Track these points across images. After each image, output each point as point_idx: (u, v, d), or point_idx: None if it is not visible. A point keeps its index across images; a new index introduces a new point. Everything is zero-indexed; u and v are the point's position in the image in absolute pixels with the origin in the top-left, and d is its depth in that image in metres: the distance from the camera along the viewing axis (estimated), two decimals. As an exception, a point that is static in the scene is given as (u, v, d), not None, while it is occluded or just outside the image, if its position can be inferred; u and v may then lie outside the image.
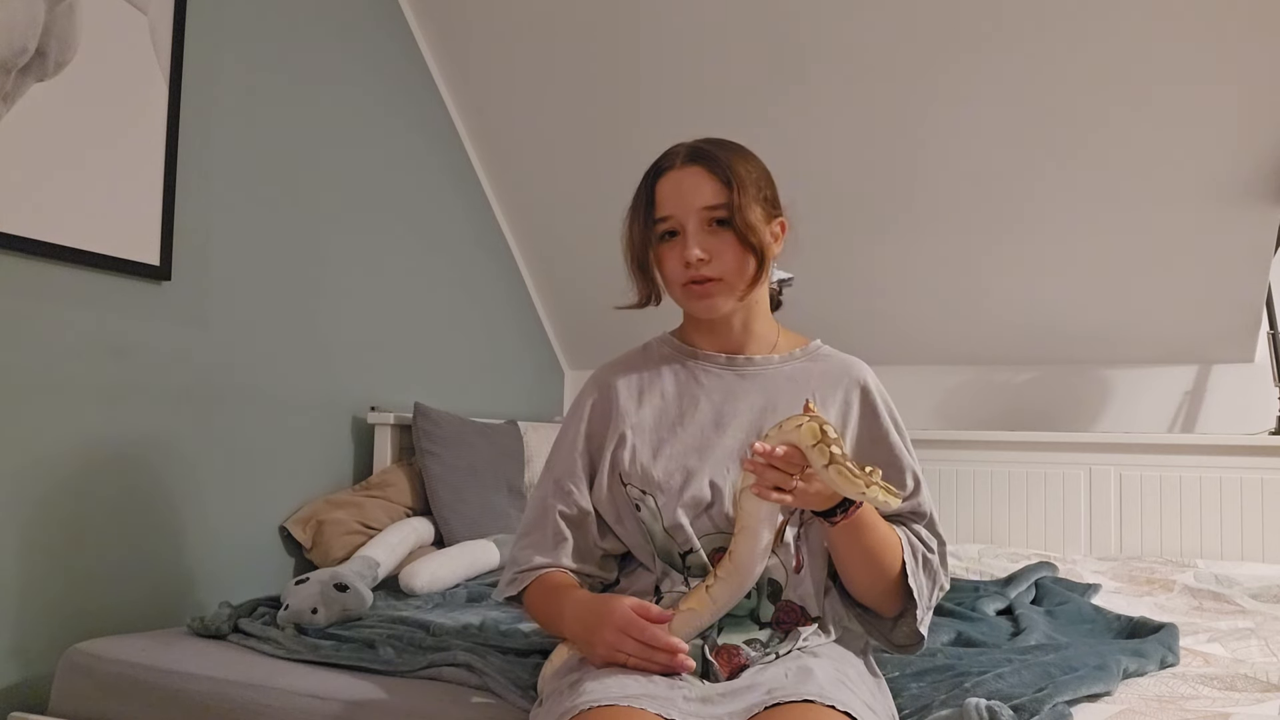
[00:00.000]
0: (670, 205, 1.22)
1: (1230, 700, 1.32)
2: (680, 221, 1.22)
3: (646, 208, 1.24)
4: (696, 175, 1.22)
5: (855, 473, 1.02)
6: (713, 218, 1.21)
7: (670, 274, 1.24)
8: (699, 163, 1.23)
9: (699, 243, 1.20)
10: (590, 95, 2.83)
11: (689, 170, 1.23)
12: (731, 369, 1.29)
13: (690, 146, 1.25)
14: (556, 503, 1.27)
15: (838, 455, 1.02)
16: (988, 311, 2.99)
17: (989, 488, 2.92)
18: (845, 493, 1.04)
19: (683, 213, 1.21)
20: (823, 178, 2.73)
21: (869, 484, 1.02)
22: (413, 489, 2.42)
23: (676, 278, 1.23)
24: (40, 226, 1.70)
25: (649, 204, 1.24)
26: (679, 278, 1.23)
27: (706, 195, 1.21)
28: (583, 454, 1.29)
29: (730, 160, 1.23)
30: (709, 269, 1.21)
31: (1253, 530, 2.67)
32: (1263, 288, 2.70)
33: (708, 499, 1.21)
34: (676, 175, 1.23)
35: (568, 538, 1.26)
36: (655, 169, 1.26)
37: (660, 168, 1.25)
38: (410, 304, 2.74)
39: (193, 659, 1.51)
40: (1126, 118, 2.47)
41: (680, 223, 1.22)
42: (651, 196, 1.24)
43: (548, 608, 1.23)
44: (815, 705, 1.01)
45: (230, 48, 2.13)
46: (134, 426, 1.90)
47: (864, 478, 1.02)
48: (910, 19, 2.44)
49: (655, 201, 1.24)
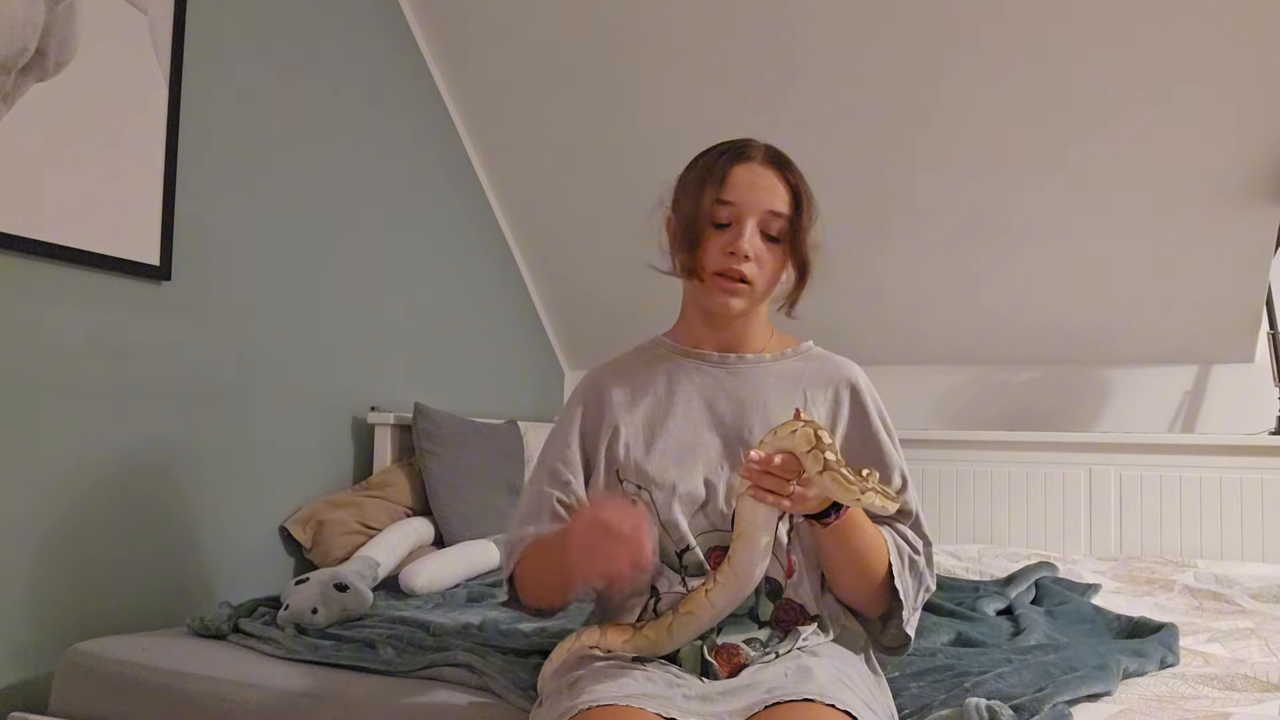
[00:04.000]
0: (738, 193, 1.21)
1: (1230, 700, 1.32)
2: (741, 213, 1.21)
3: (716, 185, 1.21)
4: (772, 178, 1.22)
5: (850, 478, 1.01)
6: (770, 226, 1.21)
7: (707, 258, 1.22)
8: (777, 167, 1.23)
9: (752, 239, 1.20)
10: (590, 96, 2.83)
11: (767, 170, 1.22)
12: (723, 367, 1.29)
13: (768, 147, 1.25)
14: (554, 490, 1.25)
15: (832, 461, 1.01)
16: (987, 311, 2.99)
17: (989, 488, 2.92)
18: (840, 499, 1.04)
19: (747, 207, 1.20)
20: (823, 178, 2.69)
21: (864, 490, 1.01)
22: (413, 489, 2.41)
23: (712, 264, 1.21)
24: (40, 226, 1.70)
25: (720, 182, 1.21)
26: (715, 265, 1.21)
27: (776, 201, 1.21)
28: (577, 449, 1.28)
29: (800, 177, 1.24)
30: (749, 268, 1.20)
31: (1253, 530, 2.67)
32: (1263, 288, 2.70)
33: (702, 496, 1.21)
34: (754, 168, 1.22)
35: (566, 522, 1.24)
36: (732, 152, 1.24)
37: (739, 153, 1.23)
38: (410, 304, 2.74)
39: (193, 659, 1.51)
40: (1126, 118, 2.47)
41: (740, 214, 1.21)
42: (724, 177, 1.22)
43: (536, 567, 1.22)
44: (815, 704, 1.02)
45: (230, 48, 2.13)
46: (134, 427, 1.90)
47: (859, 483, 1.02)
48: (911, 20, 2.44)
49: (724, 183, 1.21)
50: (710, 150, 1.27)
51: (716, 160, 1.23)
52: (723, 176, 1.21)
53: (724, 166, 1.22)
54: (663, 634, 1.14)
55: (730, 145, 1.25)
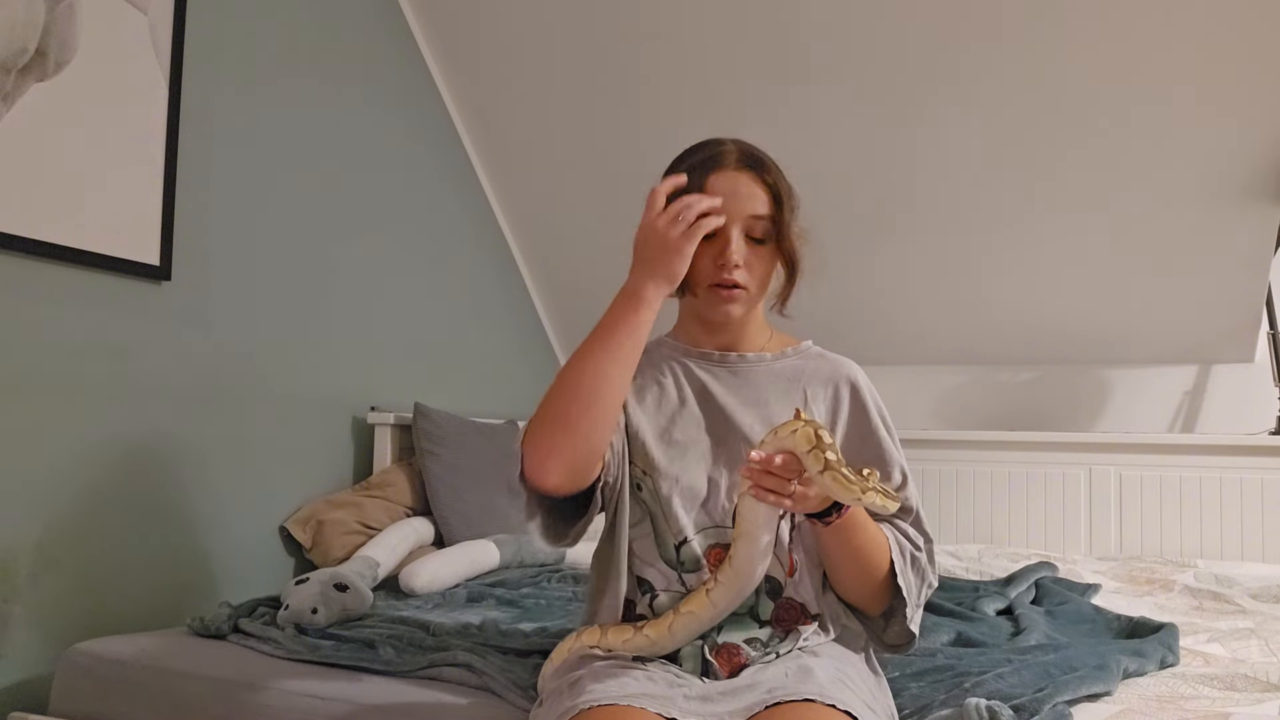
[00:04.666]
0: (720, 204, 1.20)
1: (1230, 700, 1.32)
2: (724, 223, 1.20)
3: None
4: (750, 182, 1.21)
5: (851, 478, 1.01)
6: (754, 229, 1.21)
7: (699, 272, 1.21)
8: (752, 170, 1.22)
9: (739, 249, 1.20)
10: (591, 96, 2.83)
11: (743, 175, 1.21)
12: (725, 366, 1.29)
13: (740, 149, 1.24)
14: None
15: (833, 461, 1.01)
16: (988, 311, 2.99)
17: (989, 488, 2.92)
18: (841, 499, 1.04)
19: (730, 216, 1.19)
20: (823, 178, 2.73)
21: (865, 489, 1.02)
22: (413, 489, 2.42)
23: (705, 277, 1.21)
24: (40, 226, 1.70)
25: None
26: (708, 277, 1.21)
27: (757, 205, 1.21)
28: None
29: (777, 173, 1.23)
30: (740, 275, 1.20)
31: (1253, 530, 2.67)
32: (1263, 288, 2.69)
33: (704, 492, 1.21)
34: (731, 175, 1.21)
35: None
36: (707, 161, 1.23)
37: (713, 162, 1.22)
38: (410, 304, 2.74)
39: (193, 659, 1.51)
40: (1127, 118, 2.47)
41: (724, 224, 1.20)
42: (702, 190, 1.21)
43: (565, 375, 1.16)
44: (815, 704, 1.02)
45: (230, 48, 2.13)
46: (134, 427, 1.90)
47: (860, 482, 1.02)
48: (911, 20, 2.44)
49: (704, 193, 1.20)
50: (681, 160, 1.26)
51: (692, 173, 1.22)
52: (701, 189, 1.20)
53: (699, 179, 1.21)
54: (663, 634, 1.14)
55: (703, 155, 1.23)
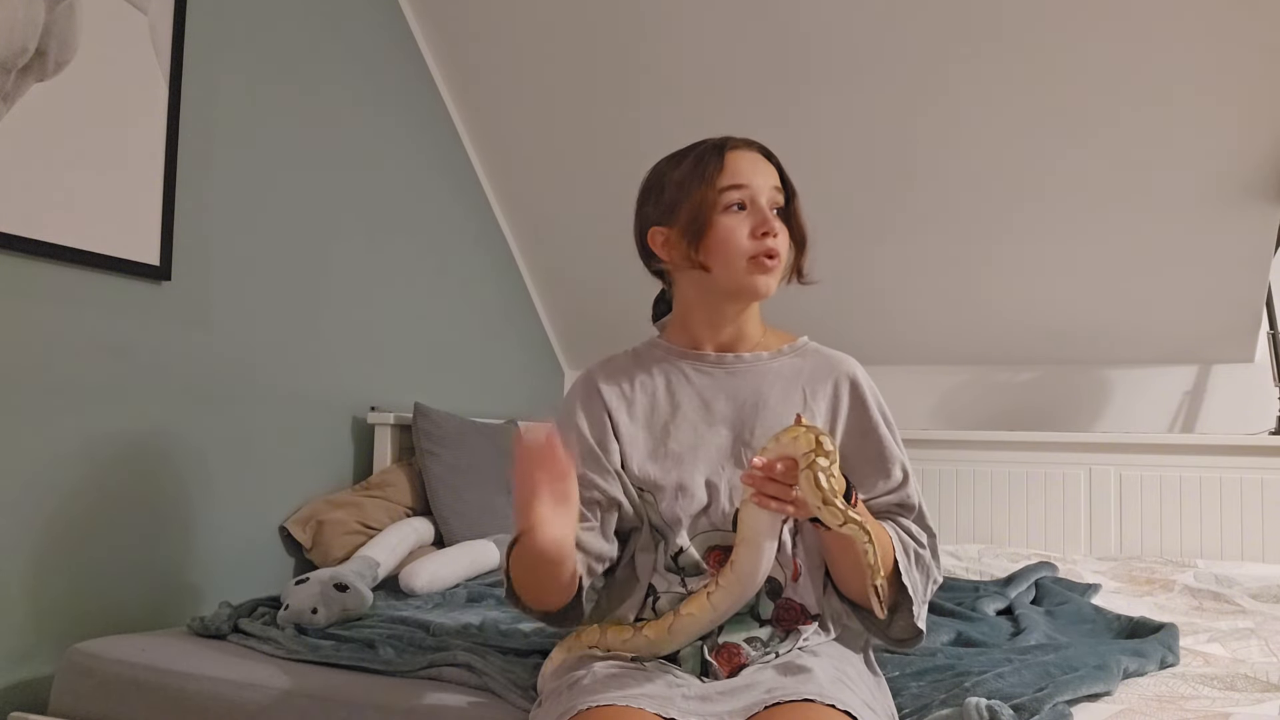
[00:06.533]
0: (746, 176, 1.22)
1: (1230, 700, 1.32)
2: (754, 194, 1.21)
3: (719, 173, 1.22)
4: (762, 159, 1.25)
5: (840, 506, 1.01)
6: (776, 202, 1.23)
7: (737, 244, 1.20)
8: (759, 150, 1.26)
9: (774, 218, 1.22)
10: (590, 95, 2.83)
11: (754, 153, 1.25)
12: (722, 367, 1.29)
13: (744, 138, 1.27)
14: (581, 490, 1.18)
15: (823, 469, 1.01)
16: (988, 311, 2.99)
17: (989, 488, 2.92)
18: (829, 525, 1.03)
19: (758, 188, 1.22)
20: (823, 177, 2.73)
21: (846, 520, 1.02)
22: (413, 489, 2.42)
23: (745, 249, 1.20)
24: (40, 226, 1.70)
25: (722, 170, 1.22)
26: (748, 249, 1.20)
27: (774, 179, 1.24)
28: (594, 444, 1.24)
29: (777, 159, 1.27)
30: (780, 243, 1.21)
31: (1253, 530, 2.67)
32: (1263, 288, 2.69)
33: (704, 499, 1.20)
34: (746, 153, 1.24)
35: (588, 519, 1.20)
36: (720, 144, 1.25)
37: (725, 143, 1.25)
38: (410, 304, 2.74)
39: (193, 659, 1.51)
40: (1126, 118, 2.47)
41: (754, 195, 1.22)
42: (723, 165, 1.22)
43: (517, 560, 1.15)
44: (815, 704, 1.02)
45: (230, 48, 2.13)
46: (134, 427, 1.90)
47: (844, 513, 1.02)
48: (912, 20, 2.44)
49: (726, 169, 1.22)
50: (681, 153, 1.26)
51: (706, 154, 1.24)
52: (721, 165, 1.22)
53: (718, 155, 1.23)
54: (663, 634, 1.14)
55: (711, 141, 1.26)
